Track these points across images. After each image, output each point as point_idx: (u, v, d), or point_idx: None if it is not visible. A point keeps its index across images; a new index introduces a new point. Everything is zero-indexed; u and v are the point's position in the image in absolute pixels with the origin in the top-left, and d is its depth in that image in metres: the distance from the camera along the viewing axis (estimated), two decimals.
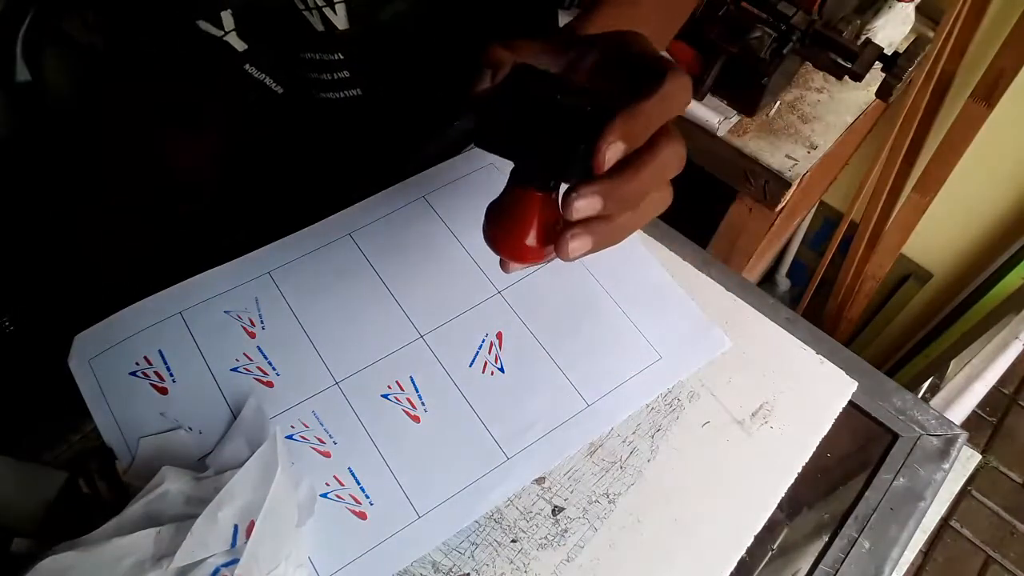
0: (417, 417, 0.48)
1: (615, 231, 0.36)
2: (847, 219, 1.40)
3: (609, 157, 0.33)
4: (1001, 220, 1.34)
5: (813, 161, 0.93)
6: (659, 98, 0.34)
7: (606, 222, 0.35)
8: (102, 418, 0.46)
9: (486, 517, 0.46)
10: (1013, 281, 1.32)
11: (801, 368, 0.54)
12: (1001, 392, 1.79)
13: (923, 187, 1.31)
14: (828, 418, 0.52)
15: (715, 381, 0.53)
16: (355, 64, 0.52)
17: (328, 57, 0.51)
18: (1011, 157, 1.25)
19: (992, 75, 1.14)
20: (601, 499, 0.47)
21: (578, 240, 0.35)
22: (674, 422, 0.51)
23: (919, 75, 1.14)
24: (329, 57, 0.51)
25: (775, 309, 0.57)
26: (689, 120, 0.93)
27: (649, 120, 0.34)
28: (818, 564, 0.48)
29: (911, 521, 0.50)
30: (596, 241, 0.35)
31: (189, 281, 0.52)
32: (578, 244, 0.35)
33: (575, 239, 0.35)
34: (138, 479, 0.44)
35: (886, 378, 0.56)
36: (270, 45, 0.50)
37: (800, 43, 0.84)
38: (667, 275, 0.56)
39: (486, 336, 0.52)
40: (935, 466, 0.52)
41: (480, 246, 0.40)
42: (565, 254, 0.35)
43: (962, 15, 1.09)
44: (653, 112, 0.34)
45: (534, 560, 0.45)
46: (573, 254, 0.35)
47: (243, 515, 0.40)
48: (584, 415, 0.50)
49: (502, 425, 0.49)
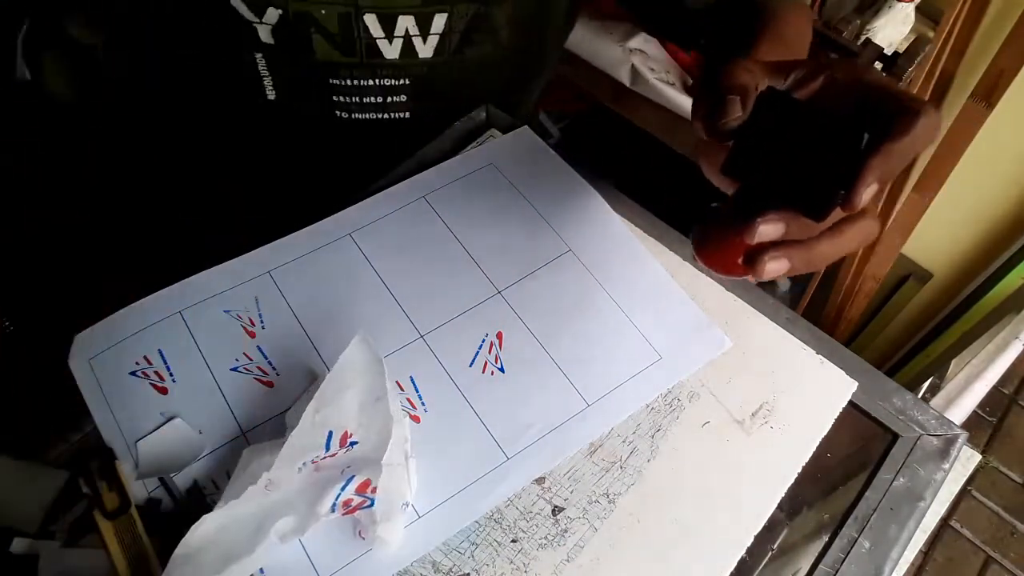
0: (417, 417, 0.48)
1: (814, 257, 0.37)
2: None
3: (864, 198, 0.33)
4: (1001, 220, 1.34)
5: None
6: (912, 138, 0.34)
7: (805, 248, 0.36)
8: (102, 418, 0.46)
9: (486, 517, 0.46)
10: (1013, 281, 1.32)
11: (801, 368, 0.54)
12: (1001, 392, 1.79)
13: (923, 187, 1.31)
14: (828, 418, 0.52)
15: (715, 381, 0.52)
16: (419, 91, 0.53)
17: (390, 82, 0.52)
18: (1011, 157, 1.25)
19: (992, 75, 1.14)
20: (601, 499, 0.47)
21: (775, 263, 0.36)
22: (674, 422, 0.51)
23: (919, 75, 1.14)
24: (392, 82, 0.52)
25: (775, 309, 0.57)
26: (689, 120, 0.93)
27: (902, 159, 0.34)
28: (818, 564, 0.48)
29: (911, 521, 0.50)
30: (794, 265, 0.36)
31: (189, 281, 0.52)
32: (775, 266, 0.36)
33: (773, 261, 0.36)
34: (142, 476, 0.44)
35: (886, 378, 0.56)
36: (304, 56, 0.50)
37: None
38: (667, 275, 0.56)
39: (486, 336, 0.52)
40: (935, 466, 0.52)
41: (480, 246, 0.40)
42: (760, 275, 0.36)
43: (962, 15, 1.09)
44: (906, 151, 0.34)
45: (534, 560, 0.45)
46: (768, 276, 0.36)
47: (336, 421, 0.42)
48: (584, 415, 0.50)
49: (502, 425, 0.49)
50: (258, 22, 0.47)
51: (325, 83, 0.51)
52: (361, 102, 0.53)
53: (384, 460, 0.42)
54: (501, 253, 0.56)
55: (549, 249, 0.56)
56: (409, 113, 0.55)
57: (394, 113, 0.55)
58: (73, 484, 0.43)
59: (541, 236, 0.57)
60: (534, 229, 0.57)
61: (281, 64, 0.51)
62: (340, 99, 0.53)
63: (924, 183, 1.30)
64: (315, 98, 0.53)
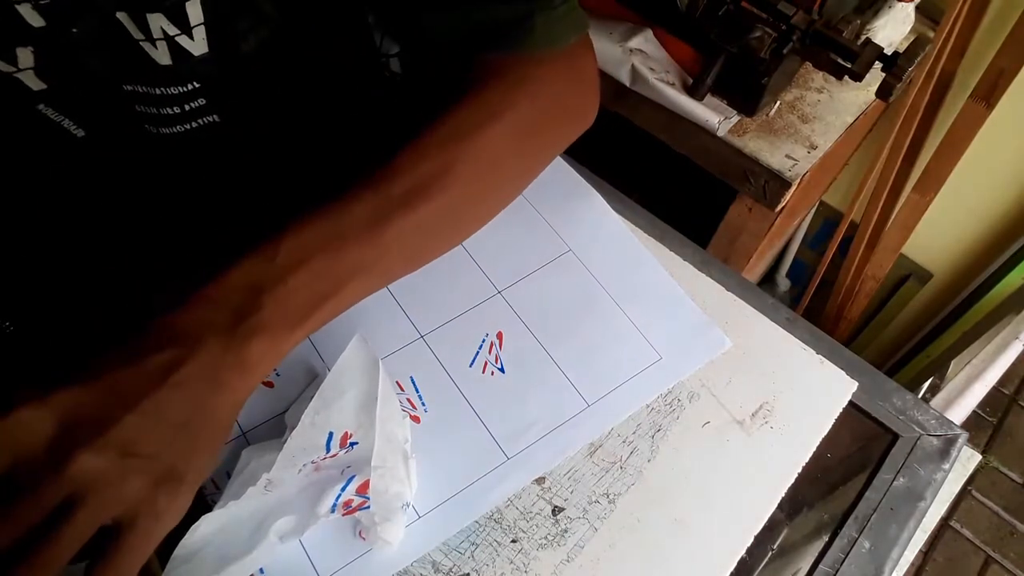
0: (417, 417, 0.48)
1: None
2: (847, 219, 1.40)
3: None
4: (1001, 220, 1.34)
5: (813, 161, 0.93)
6: None
7: None
8: None
9: (486, 517, 0.46)
10: (1013, 281, 1.32)
11: (801, 368, 0.54)
12: (1001, 392, 1.79)
13: (923, 187, 1.31)
14: (828, 418, 0.52)
15: (715, 381, 0.52)
16: (215, 90, 0.47)
17: (177, 89, 0.46)
18: (1011, 157, 1.25)
19: (992, 75, 1.14)
20: (601, 499, 0.47)
21: None
22: (674, 422, 0.51)
23: (919, 75, 1.14)
24: (178, 89, 0.46)
25: (775, 309, 0.57)
26: (689, 120, 0.93)
27: None
28: (818, 564, 0.48)
29: (911, 521, 0.50)
30: None
31: None
32: None
33: None
34: None
35: (886, 378, 0.56)
36: (82, 84, 0.44)
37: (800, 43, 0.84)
38: (667, 275, 0.56)
39: (486, 336, 0.52)
40: (935, 466, 0.52)
41: (480, 246, 0.40)
42: None
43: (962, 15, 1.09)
44: None
45: (534, 560, 0.45)
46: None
47: (337, 422, 0.42)
48: (584, 415, 0.50)
49: (502, 425, 0.49)
50: (16, 70, 0.41)
51: (119, 90, 0.45)
52: (159, 113, 0.47)
53: (375, 462, 0.42)
54: (501, 253, 0.56)
55: (549, 249, 0.56)
56: (217, 116, 0.49)
57: (200, 119, 0.49)
58: None
59: (541, 236, 0.57)
60: (534, 229, 0.57)
61: (67, 100, 0.45)
62: (142, 109, 0.47)
63: (924, 183, 1.30)
64: (120, 117, 0.47)
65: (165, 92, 0.46)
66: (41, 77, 0.42)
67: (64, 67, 0.42)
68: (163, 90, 0.45)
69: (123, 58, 0.43)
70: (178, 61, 0.44)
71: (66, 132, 0.46)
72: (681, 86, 0.94)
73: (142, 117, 0.47)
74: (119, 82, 0.45)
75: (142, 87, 0.45)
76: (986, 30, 1.13)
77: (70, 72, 0.43)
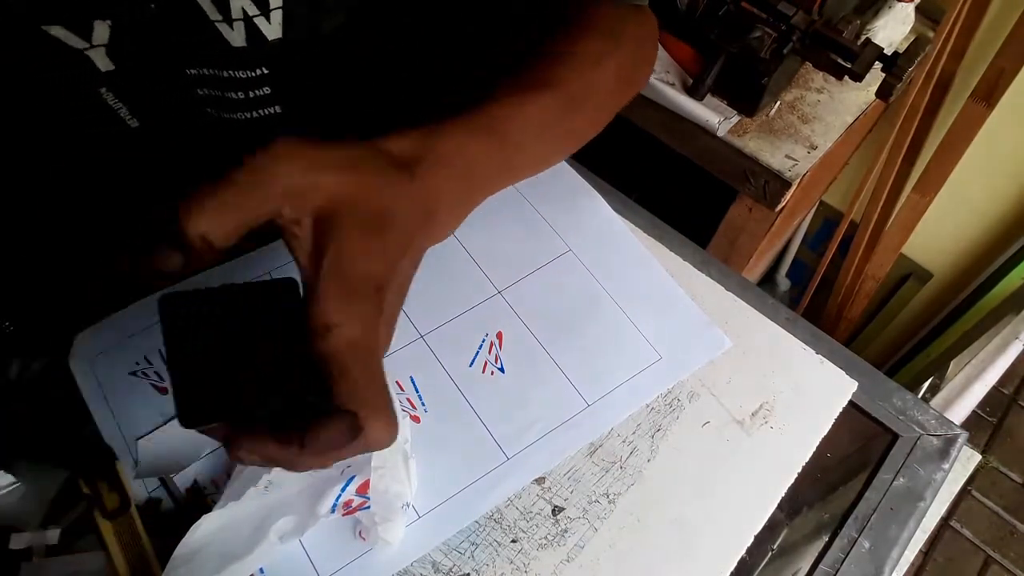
0: (417, 417, 0.48)
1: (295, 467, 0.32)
2: (847, 219, 1.40)
3: None
4: (1001, 220, 1.34)
5: (813, 161, 0.93)
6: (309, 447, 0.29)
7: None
8: (102, 418, 0.46)
9: (486, 517, 0.46)
10: (1013, 281, 1.32)
11: (801, 368, 0.54)
12: (1001, 392, 1.79)
13: (923, 187, 1.31)
14: (828, 418, 0.52)
15: (715, 381, 0.52)
16: (281, 80, 0.47)
17: (246, 74, 0.45)
18: (1011, 157, 1.25)
19: (992, 75, 1.14)
20: (601, 499, 0.47)
21: None
22: (674, 422, 0.51)
23: (919, 75, 1.14)
24: (247, 73, 0.45)
25: (775, 309, 0.57)
26: (689, 120, 0.93)
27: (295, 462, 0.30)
28: (818, 564, 0.48)
29: (911, 521, 0.50)
30: None
31: (189, 281, 0.52)
32: None
33: None
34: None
35: (886, 378, 0.56)
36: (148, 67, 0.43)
37: (800, 43, 0.84)
38: (667, 275, 0.56)
39: (486, 336, 0.52)
40: (935, 466, 0.52)
41: (480, 246, 0.40)
42: None
43: (962, 15, 1.09)
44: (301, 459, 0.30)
45: (534, 560, 0.45)
46: None
47: None
48: (584, 415, 0.50)
49: (502, 425, 0.49)
50: (88, 46, 0.40)
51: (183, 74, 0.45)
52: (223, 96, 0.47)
53: (375, 463, 0.42)
54: (501, 253, 0.56)
55: (549, 249, 0.56)
56: (280, 107, 0.49)
57: (263, 109, 0.49)
58: (73, 484, 0.43)
59: (541, 236, 0.57)
60: (534, 229, 0.57)
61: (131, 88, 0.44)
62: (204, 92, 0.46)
63: (924, 183, 1.30)
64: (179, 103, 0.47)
65: (233, 75, 0.46)
66: (111, 56, 0.42)
67: (136, 46, 0.42)
68: (231, 73, 0.45)
69: (196, 39, 0.43)
70: (252, 43, 0.44)
71: (120, 122, 0.46)
72: (681, 86, 0.94)
73: (204, 100, 0.47)
74: (184, 66, 0.45)
75: (209, 69, 0.45)
76: (986, 30, 1.13)
77: (140, 52, 0.42)
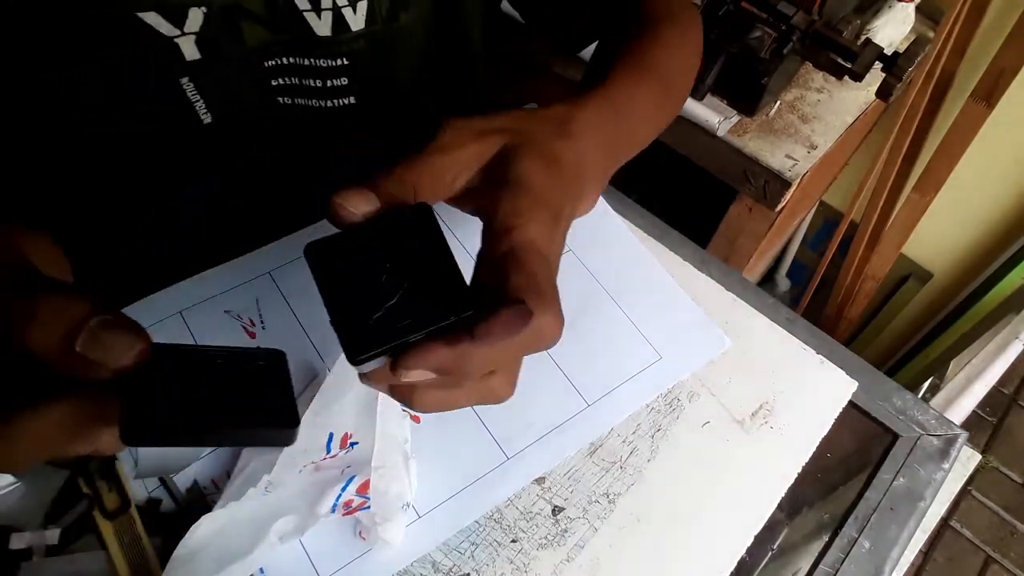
0: (417, 417, 0.48)
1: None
2: (847, 219, 1.41)
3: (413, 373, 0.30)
4: (1001, 220, 1.34)
5: (813, 161, 0.93)
6: (505, 344, 0.29)
7: None
8: None
9: (486, 517, 0.46)
10: (1013, 281, 1.32)
11: (801, 368, 0.54)
12: (1001, 392, 1.79)
13: (923, 187, 1.31)
14: (828, 418, 0.52)
15: (715, 381, 0.52)
16: (359, 71, 0.48)
17: (327, 63, 0.47)
18: (1011, 157, 1.25)
19: (992, 75, 1.14)
20: (601, 499, 0.47)
21: None
22: (674, 422, 0.51)
23: (919, 75, 1.14)
24: (327, 62, 0.47)
25: (775, 309, 0.57)
26: (689, 120, 0.93)
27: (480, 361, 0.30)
28: (818, 564, 0.48)
29: (911, 521, 0.50)
30: None
31: (189, 281, 0.52)
32: None
33: None
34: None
35: (886, 378, 0.56)
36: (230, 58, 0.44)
37: (800, 43, 0.84)
38: (667, 275, 0.56)
39: None
40: (935, 466, 0.52)
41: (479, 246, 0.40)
42: None
43: (962, 15, 1.09)
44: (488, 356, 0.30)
45: (534, 560, 0.45)
46: None
47: (337, 423, 0.42)
48: (584, 415, 0.50)
49: (502, 425, 0.48)
50: (179, 34, 0.41)
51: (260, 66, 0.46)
52: (300, 84, 0.48)
53: (375, 463, 0.42)
54: None
55: None
56: (354, 98, 0.50)
57: (338, 99, 0.50)
58: (73, 484, 0.43)
59: None
60: None
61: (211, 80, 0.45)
62: (279, 82, 0.47)
63: (924, 183, 1.30)
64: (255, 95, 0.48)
65: (313, 63, 0.47)
66: (200, 45, 0.43)
67: (223, 35, 0.43)
68: (312, 61, 0.47)
69: (282, 28, 0.44)
70: (336, 32, 0.45)
71: (195, 116, 0.46)
72: None
73: (278, 89, 0.48)
74: (263, 58, 0.46)
75: (289, 58, 0.46)
76: (986, 30, 1.13)
77: (226, 42, 0.43)
